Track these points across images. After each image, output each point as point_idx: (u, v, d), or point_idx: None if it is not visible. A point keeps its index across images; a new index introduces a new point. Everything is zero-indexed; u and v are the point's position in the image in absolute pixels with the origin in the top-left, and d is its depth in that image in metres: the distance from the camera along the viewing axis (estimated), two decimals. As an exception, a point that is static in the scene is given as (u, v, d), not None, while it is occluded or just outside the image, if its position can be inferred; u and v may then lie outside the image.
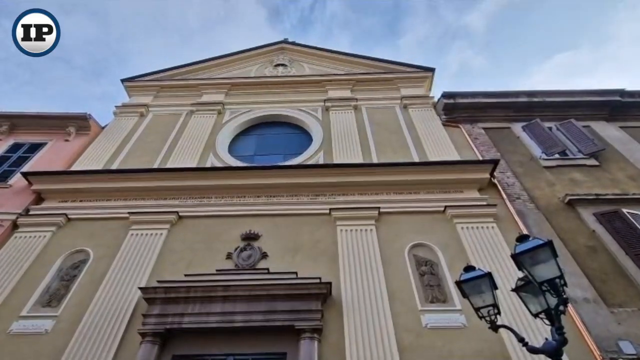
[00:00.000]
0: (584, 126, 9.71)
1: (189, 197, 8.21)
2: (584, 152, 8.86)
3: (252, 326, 5.79)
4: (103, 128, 10.96)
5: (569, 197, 7.60)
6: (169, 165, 9.08)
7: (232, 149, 10.24)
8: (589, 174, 8.37)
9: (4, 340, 5.86)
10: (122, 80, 12.50)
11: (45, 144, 9.98)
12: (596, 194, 7.66)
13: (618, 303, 5.91)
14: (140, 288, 6.23)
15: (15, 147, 9.90)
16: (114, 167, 9.19)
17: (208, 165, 9.21)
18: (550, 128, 9.72)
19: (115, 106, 11.60)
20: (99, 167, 9.13)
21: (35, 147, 9.88)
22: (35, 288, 6.58)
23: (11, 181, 8.77)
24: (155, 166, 9.14)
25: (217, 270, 6.60)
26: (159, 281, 6.34)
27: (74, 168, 9.14)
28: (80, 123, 10.44)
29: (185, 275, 6.47)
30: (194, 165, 9.12)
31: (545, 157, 8.87)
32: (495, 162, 8.18)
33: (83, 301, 6.31)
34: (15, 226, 7.73)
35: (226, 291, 6.07)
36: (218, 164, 9.24)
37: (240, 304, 5.98)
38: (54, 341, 5.79)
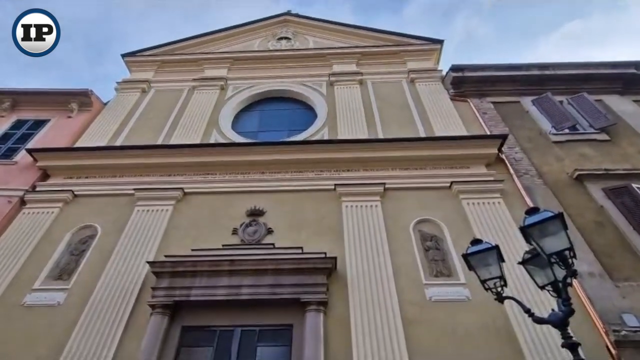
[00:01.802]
0: (596, 100, 9.43)
1: (194, 174, 8.20)
2: (595, 126, 8.65)
3: (259, 299, 5.90)
4: (105, 104, 10.85)
5: (577, 173, 7.48)
6: (172, 142, 9.03)
7: (235, 125, 10.12)
8: (599, 149, 8.20)
9: (19, 312, 6.04)
10: (123, 56, 12.25)
11: (48, 120, 9.92)
12: (606, 169, 7.53)
13: (624, 277, 5.92)
14: (148, 262, 6.33)
15: (18, 124, 9.86)
16: (118, 143, 9.16)
17: (212, 141, 9.14)
18: (561, 102, 9.45)
19: (117, 82, 11.44)
20: (103, 143, 9.10)
21: (38, 124, 9.83)
22: (45, 262, 6.71)
23: (16, 158, 8.79)
24: (159, 142, 9.09)
25: (223, 246, 6.67)
26: (166, 256, 6.42)
27: (78, 145, 9.13)
28: (82, 99, 10.33)
29: (192, 250, 6.55)
30: (197, 141, 9.05)
31: (555, 132, 8.67)
32: (503, 137, 8.02)
33: (93, 275, 6.44)
34: (23, 202, 7.81)
35: (232, 265, 6.15)
36: (222, 141, 9.17)
37: (247, 277, 6.06)
38: (67, 313, 5.96)
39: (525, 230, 3.27)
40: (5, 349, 5.56)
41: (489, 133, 8.61)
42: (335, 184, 7.59)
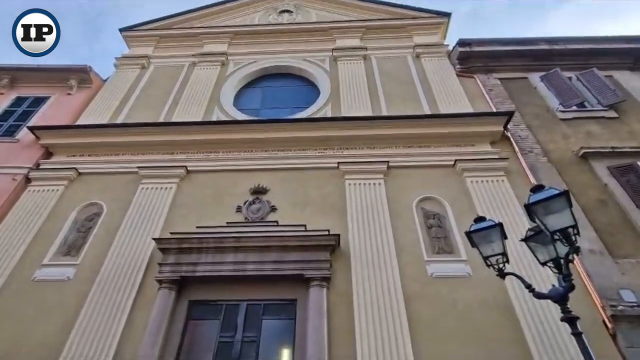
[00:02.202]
0: (606, 76, 9.18)
1: (197, 152, 8.18)
2: (604, 103, 8.48)
3: (264, 275, 6.02)
4: (104, 81, 10.70)
5: (583, 151, 7.41)
6: (174, 119, 8.95)
7: (237, 102, 9.99)
8: (606, 127, 8.07)
9: (29, 286, 6.21)
10: (121, 30, 11.94)
11: (48, 97, 9.82)
12: (612, 147, 7.45)
13: (623, 255, 5.98)
14: (154, 239, 6.43)
15: (18, 102, 9.77)
16: (119, 121, 9.10)
17: (214, 119, 9.05)
18: (570, 78, 9.22)
19: (116, 58, 11.20)
20: (104, 121, 9.04)
21: (38, 101, 9.73)
22: (53, 239, 6.83)
23: (18, 136, 8.76)
24: (161, 120, 9.03)
25: (227, 223, 6.74)
26: (172, 233, 6.52)
27: (79, 122, 9.08)
28: (81, 76, 10.18)
29: (197, 227, 6.63)
30: (199, 119, 8.97)
31: (563, 108, 8.52)
32: (509, 115, 7.90)
33: (101, 251, 6.57)
34: (28, 180, 7.86)
35: (237, 242, 6.24)
36: (224, 118, 9.08)
37: (252, 254, 6.17)
38: (77, 288, 6.12)
39: (529, 208, 3.28)
40: (19, 322, 5.76)
41: (494, 110, 8.47)
42: (338, 162, 7.56)
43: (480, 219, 4.02)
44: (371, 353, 5.09)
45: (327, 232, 6.27)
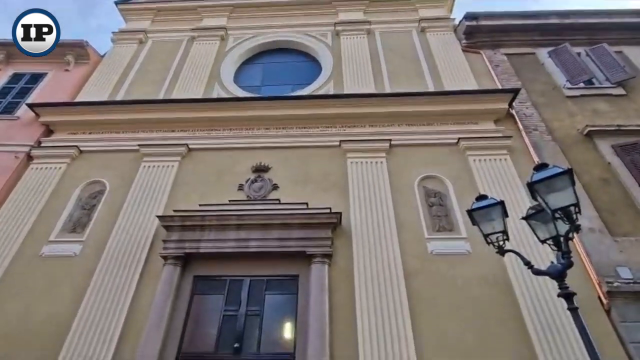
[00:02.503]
0: (616, 52, 8.93)
1: (198, 129, 8.13)
2: (612, 80, 8.29)
3: (266, 252, 6.12)
4: (102, 57, 10.49)
5: (588, 129, 7.32)
6: (174, 96, 8.84)
7: (237, 78, 9.81)
8: (613, 104, 7.93)
9: (37, 262, 6.35)
10: (116, 3, 11.58)
11: (45, 74, 9.67)
12: (618, 125, 7.35)
13: (623, 233, 6.03)
14: (158, 216, 6.50)
15: (16, 78, 9.63)
16: (119, 97, 9.00)
17: (214, 96, 8.93)
18: (578, 54, 8.97)
19: (113, 32, 10.93)
20: (104, 97, 8.94)
21: (36, 78, 9.59)
22: (58, 216, 6.91)
23: (18, 113, 8.70)
24: (160, 97, 8.91)
25: (229, 201, 6.79)
26: (175, 210, 6.58)
27: (79, 99, 8.98)
28: (78, 51, 9.98)
29: (200, 205, 6.69)
30: (199, 96, 8.85)
31: (570, 85, 8.34)
32: (515, 92, 7.75)
33: (105, 228, 6.66)
34: (30, 158, 7.87)
35: (240, 220, 6.31)
36: (224, 95, 8.95)
37: (254, 231, 6.25)
38: (84, 263, 6.25)
39: (532, 186, 3.27)
40: (30, 295, 5.93)
41: (500, 87, 8.31)
42: (340, 140, 7.51)
43: (481, 197, 4.03)
44: (371, 327, 5.25)
45: (328, 210, 6.31)
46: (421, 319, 5.32)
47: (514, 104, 7.78)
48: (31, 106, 8.36)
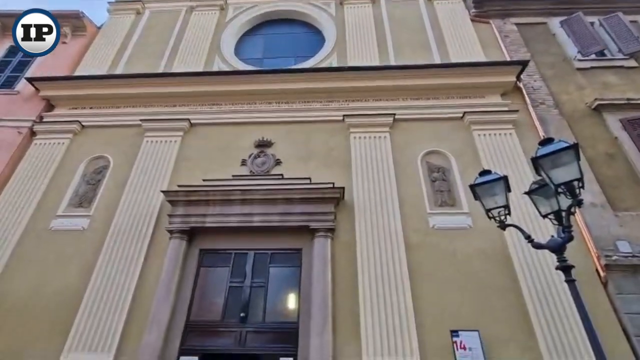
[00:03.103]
0: (631, 21, 8.58)
1: (199, 104, 8.04)
2: (625, 51, 8.02)
3: (270, 226, 6.22)
4: (99, 28, 10.22)
5: (597, 102, 7.16)
6: (174, 70, 8.68)
7: (238, 51, 9.57)
8: (624, 77, 7.71)
9: (47, 235, 6.50)
10: (110, -29, 11.09)
11: (42, 46, 9.45)
12: (627, 99, 7.19)
13: (624, 207, 6.05)
14: (162, 191, 6.57)
15: (13, 51, 9.44)
16: (118, 71, 8.86)
17: (215, 69, 8.76)
18: (592, 23, 8.62)
19: (109, 2, 10.57)
20: (103, 71, 8.81)
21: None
22: (65, 191, 7.01)
23: (18, 87, 8.61)
24: (160, 70, 8.76)
25: (233, 176, 6.82)
26: (179, 185, 6.64)
27: (78, 72, 8.85)
28: (74, 23, 9.73)
29: (204, 180, 6.73)
30: (200, 69, 8.68)
31: (581, 57, 8.08)
32: (523, 64, 7.53)
33: (111, 203, 6.76)
34: (33, 133, 7.87)
35: (244, 195, 6.37)
36: (225, 68, 8.78)
37: (258, 206, 6.32)
38: (92, 237, 6.40)
39: (536, 162, 3.25)
40: (41, 267, 6.13)
41: (508, 59, 8.07)
42: (343, 115, 7.42)
43: (485, 172, 4.02)
44: (372, 299, 5.41)
45: (331, 185, 6.34)
46: (421, 291, 5.47)
47: (522, 76, 7.59)
48: (30, 80, 8.25)
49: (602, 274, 5.39)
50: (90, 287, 5.80)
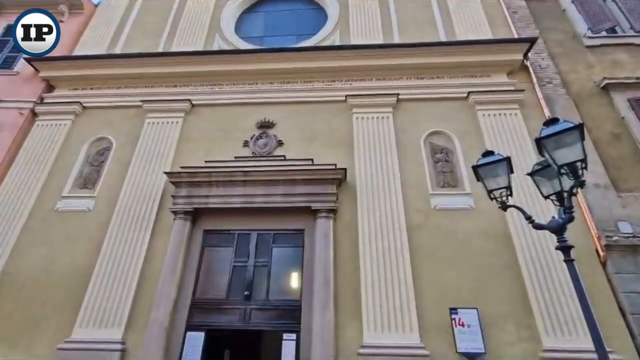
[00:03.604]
0: (645, -5, 8.25)
1: (200, 84, 7.95)
2: (636, 28, 7.77)
3: (272, 207, 6.27)
4: (96, 6, 9.98)
5: (606, 81, 7.00)
6: (174, 49, 8.55)
7: (238, 29, 9.36)
8: (635, 55, 7.49)
9: (54, 216, 6.61)
10: (105, -55, 10.71)
11: (39, 25, 9.29)
12: (637, 78, 7.01)
13: (628, 188, 6.02)
14: (165, 173, 6.60)
15: (10, 31, 9.27)
16: (117, 50, 8.73)
17: (215, 48, 8.60)
18: (604, -1, 8.32)
19: (104, -21, 10.27)
20: (102, 50, 8.68)
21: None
22: (69, 172, 7.06)
23: (17, 68, 8.52)
24: (160, 49, 8.62)
25: (235, 157, 6.83)
26: (182, 167, 6.66)
27: (77, 52, 8.73)
28: (71, 1, 9.51)
29: (206, 161, 6.74)
30: (200, 48, 8.53)
31: (591, 34, 7.84)
32: (531, 41, 7.32)
33: (115, 184, 6.82)
34: (34, 114, 7.86)
35: (246, 176, 6.39)
36: (225, 47, 8.61)
37: (260, 187, 6.36)
38: (98, 218, 6.50)
39: (540, 142, 3.22)
40: (50, 247, 6.27)
41: (516, 36, 7.85)
42: (346, 95, 7.32)
43: (488, 153, 4.00)
44: (374, 278, 5.52)
45: (334, 166, 6.34)
46: (421, 270, 5.57)
47: (529, 54, 7.40)
48: (29, 61, 8.15)
49: (601, 254, 5.44)
50: (98, 265, 5.94)
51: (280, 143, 7.05)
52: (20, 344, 5.50)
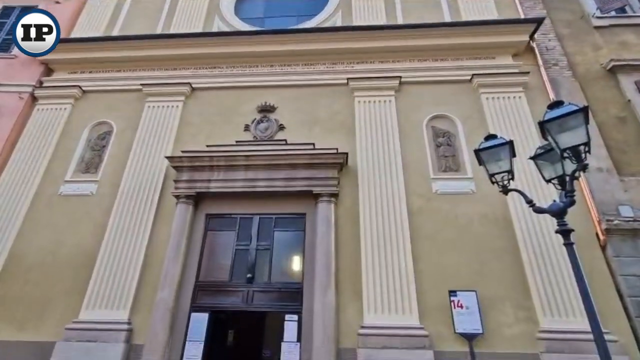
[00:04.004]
0: (658, -27, 7.97)
1: (200, 67, 7.85)
2: (648, 7, 7.54)
3: (274, 191, 6.29)
4: (93, -14, 9.74)
5: (613, 63, 6.87)
6: (172, 31, 8.39)
7: (238, 10, 9.15)
8: (644, 36, 7.32)
9: (58, 200, 6.66)
10: None
11: (35, 7, 9.10)
12: (645, 60, 6.87)
13: (631, 173, 5.99)
14: (167, 157, 6.61)
15: (7, 12, 9.12)
16: (115, 32, 8.59)
17: (214, 29, 8.44)
18: (615, -24, 8.03)
19: (99, -43, 9.98)
20: (100, 32, 8.55)
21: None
22: (70, 157, 7.07)
23: (15, 51, 8.39)
24: (158, 31, 8.47)
25: (236, 142, 6.80)
26: (183, 151, 6.65)
27: (74, 35, 8.58)
28: (66, -19, 9.27)
29: (207, 146, 6.73)
30: (199, 29, 8.38)
31: (600, 14, 7.63)
32: (538, 22, 7.14)
33: (117, 169, 6.84)
34: (34, 99, 7.81)
35: (247, 160, 6.39)
36: (225, 29, 8.45)
37: (262, 171, 6.37)
38: (101, 202, 6.55)
39: (543, 125, 3.19)
40: (55, 230, 6.35)
41: (523, 17, 7.65)
42: (348, 78, 7.22)
43: (490, 137, 3.97)
44: (374, 261, 5.59)
45: (335, 151, 6.32)
46: (421, 253, 5.62)
47: (535, 35, 7.24)
48: (27, 43, 8.03)
49: (601, 238, 5.46)
50: (103, 249, 6.03)
51: (281, 127, 7.01)
52: (30, 324, 5.66)
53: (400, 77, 7.14)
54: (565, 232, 3.41)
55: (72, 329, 5.45)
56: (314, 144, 6.53)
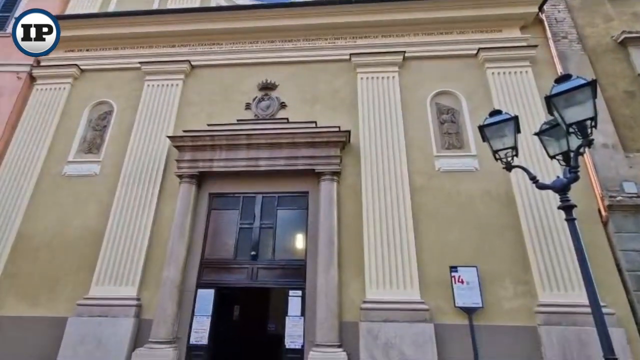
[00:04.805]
0: (677, -63, 7.55)
1: (198, 44, 7.67)
2: (664, -25, 7.19)
3: (276, 170, 6.29)
4: (85, -40, 9.39)
5: (624, 36, 6.64)
6: (169, 6, 8.17)
7: (236, -17, 8.83)
8: (659, 5, 7.03)
9: (62, 180, 6.71)
10: None
11: (29, -18, 8.83)
12: (659, 31, 6.63)
13: (637, 149, 5.92)
14: (168, 137, 6.58)
15: (-2, -11, 8.85)
16: (111, 8, 8.37)
17: (212, 4, 8.19)
18: (631, -59, 7.62)
19: None
20: (95, 9, 8.34)
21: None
22: (72, 137, 7.07)
23: (10, 29, 8.22)
24: (155, 6, 8.25)
25: (237, 121, 6.74)
26: (184, 131, 6.62)
27: (69, 11, 8.37)
28: (58, -46, 8.92)
29: (208, 125, 6.68)
30: (197, 4, 8.14)
31: (613, -17, 7.30)
32: (548, -9, 6.87)
33: (120, 149, 6.84)
34: (32, 79, 7.72)
35: (249, 139, 6.36)
36: (223, 3, 8.19)
37: (264, 150, 6.35)
38: (105, 182, 6.59)
39: (549, 100, 3.13)
40: (60, 210, 6.43)
41: (531, -14, 7.33)
42: (350, 54, 7.05)
43: (495, 113, 3.91)
44: (377, 237, 5.65)
45: (337, 129, 6.27)
46: (423, 230, 5.67)
47: (544, 7, 6.97)
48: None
49: (603, 214, 5.47)
50: (109, 228, 6.12)
51: (283, 105, 6.92)
52: (41, 300, 5.84)
53: (404, 52, 6.97)
54: (567, 207, 3.42)
55: (83, 304, 5.63)
56: (315, 122, 6.46)
